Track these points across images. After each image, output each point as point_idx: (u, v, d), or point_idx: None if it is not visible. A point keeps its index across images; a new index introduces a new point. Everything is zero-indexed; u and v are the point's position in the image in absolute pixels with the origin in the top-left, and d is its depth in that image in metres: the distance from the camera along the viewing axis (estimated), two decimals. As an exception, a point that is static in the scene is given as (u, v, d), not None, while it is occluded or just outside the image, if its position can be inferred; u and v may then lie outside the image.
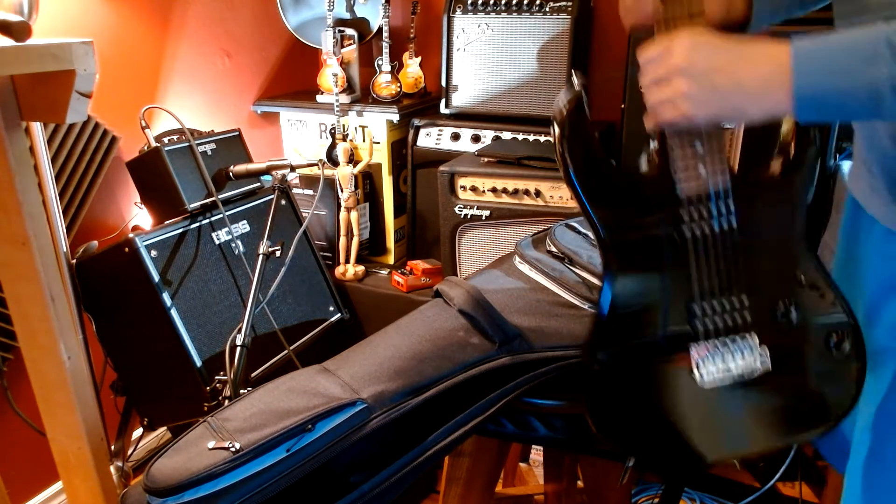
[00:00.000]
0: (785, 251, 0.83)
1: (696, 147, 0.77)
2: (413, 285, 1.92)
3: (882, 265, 0.79)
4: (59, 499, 1.75)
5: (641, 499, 1.76)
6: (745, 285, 0.81)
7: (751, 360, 0.81)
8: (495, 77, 1.93)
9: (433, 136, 2.00)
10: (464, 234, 1.80)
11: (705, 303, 0.81)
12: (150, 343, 1.53)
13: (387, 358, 1.01)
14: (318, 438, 0.90)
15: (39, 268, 1.09)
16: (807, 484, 1.78)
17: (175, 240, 1.54)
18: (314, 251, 1.90)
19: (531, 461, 1.84)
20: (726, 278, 0.80)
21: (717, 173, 0.78)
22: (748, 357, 0.81)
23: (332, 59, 2.04)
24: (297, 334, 1.77)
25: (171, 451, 0.92)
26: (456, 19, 1.92)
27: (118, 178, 1.74)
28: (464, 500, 1.19)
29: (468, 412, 0.99)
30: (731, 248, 0.80)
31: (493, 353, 1.01)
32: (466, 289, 1.10)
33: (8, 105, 1.03)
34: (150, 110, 1.77)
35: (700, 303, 0.81)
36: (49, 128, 1.47)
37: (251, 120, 2.19)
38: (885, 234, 0.77)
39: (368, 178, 2.09)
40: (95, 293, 1.49)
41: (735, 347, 0.81)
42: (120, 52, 1.72)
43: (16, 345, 1.47)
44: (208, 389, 1.44)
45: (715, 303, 0.81)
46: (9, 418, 1.56)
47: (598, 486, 1.25)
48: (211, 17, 1.98)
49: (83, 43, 0.99)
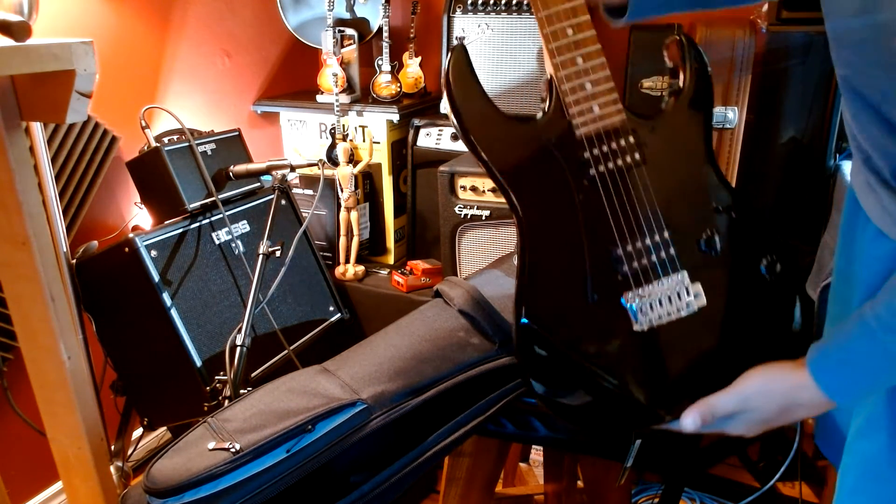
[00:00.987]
0: (696, 180, 0.82)
1: (586, 88, 0.78)
2: (413, 285, 1.92)
3: (872, 266, 0.79)
4: (59, 499, 1.75)
5: (641, 499, 1.76)
6: (663, 222, 0.80)
7: (685, 300, 0.80)
8: (495, 77, 1.92)
9: (433, 136, 2.00)
10: (464, 234, 1.80)
11: (628, 246, 0.80)
12: (150, 343, 1.53)
13: (387, 358, 1.01)
14: (318, 439, 0.90)
15: (39, 268, 1.09)
16: (807, 484, 1.78)
17: (175, 240, 1.54)
18: (314, 251, 1.90)
19: (531, 461, 1.84)
20: (643, 218, 0.80)
21: (612, 110, 0.78)
22: (682, 297, 0.80)
23: (332, 59, 2.04)
24: (297, 334, 1.77)
25: (171, 452, 0.92)
26: (456, 19, 1.92)
27: (118, 178, 1.74)
28: (464, 500, 1.19)
29: (468, 412, 0.99)
30: (642, 185, 0.80)
31: (493, 353, 1.01)
32: (466, 289, 1.10)
33: (8, 105, 1.03)
34: (150, 110, 1.77)
35: (622, 247, 0.79)
36: (49, 128, 1.47)
37: (251, 120, 2.19)
38: (875, 234, 0.77)
39: (368, 178, 2.09)
40: (95, 293, 1.49)
41: (666, 288, 0.80)
42: (120, 52, 1.72)
43: (16, 345, 1.47)
44: (208, 389, 1.43)
45: (638, 245, 0.80)
46: (9, 418, 1.56)
47: (598, 486, 1.25)
48: (211, 17, 1.98)
49: (83, 43, 0.99)
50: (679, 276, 0.80)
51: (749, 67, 1.56)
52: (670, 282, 0.80)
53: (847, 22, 0.65)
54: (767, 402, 0.73)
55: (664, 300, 0.80)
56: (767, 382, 0.73)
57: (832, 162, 1.65)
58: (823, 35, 0.71)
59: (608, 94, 0.78)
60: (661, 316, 0.80)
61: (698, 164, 0.82)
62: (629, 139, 0.79)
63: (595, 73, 0.78)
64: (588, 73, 0.78)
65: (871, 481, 0.72)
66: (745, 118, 1.60)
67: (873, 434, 0.72)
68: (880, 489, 0.71)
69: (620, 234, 0.79)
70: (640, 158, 0.80)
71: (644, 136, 0.80)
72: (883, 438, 0.71)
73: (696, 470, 1.84)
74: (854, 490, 0.74)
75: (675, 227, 0.80)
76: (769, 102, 1.72)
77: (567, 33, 0.78)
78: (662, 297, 0.80)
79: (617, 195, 0.79)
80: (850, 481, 0.75)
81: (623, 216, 0.79)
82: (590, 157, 0.79)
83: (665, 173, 0.81)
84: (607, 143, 0.79)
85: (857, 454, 0.75)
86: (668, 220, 0.80)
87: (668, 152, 0.81)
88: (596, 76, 0.78)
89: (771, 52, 1.68)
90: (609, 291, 0.80)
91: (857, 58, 0.66)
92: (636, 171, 0.80)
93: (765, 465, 1.83)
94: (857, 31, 0.64)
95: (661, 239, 0.80)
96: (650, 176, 0.80)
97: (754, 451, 1.91)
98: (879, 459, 0.71)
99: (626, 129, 0.79)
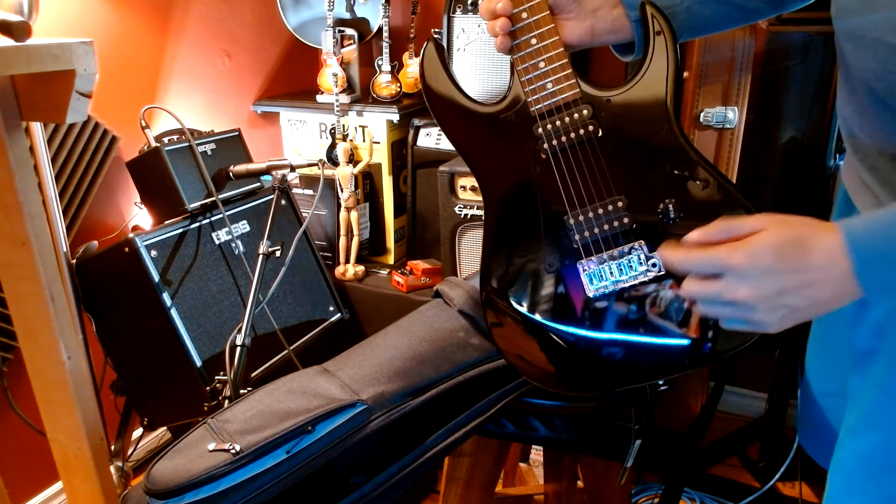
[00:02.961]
0: (657, 149, 0.82)
1: (539, 66, 0.82)
2: (413, 285, 1.92)
3: None
4: (59, 499, 1.75)
5: (641, 499, 1.76)
6: (615, 192, 0.82)
7: (641, 268, 0.81)
8: (495, 77, 1.92)
9: (433, 136, 2.00)
10: (464, 234, 1.80)
11: (580, 216, 0.83)
12: (150, 343, 1.53)
13: (387, 359, 1.01)
14: (318, 440, 0.90)
15: (39, 268, 1.08)
16: (807, 484, 1.78)
17: (175, 240, 1.54)
18: (314, 251, 1.90)
19: (531, 461, 1.84)
20: (594, 188, 0.82)
21: (565, 86, 0.82)
22: (638, 264, 0.81)
23: (332, 59, 2.04)
24: (297, 334, 1.77)
25: (171, 453, 0.92)
26: (456, 19, 1.92)
27: (118, 178, 1.74)
28: (464, 500, 1.19)
29: (468, 413, 0.99)
30: (594, 156, 0.82)
31: (494, 353, 1.01)
32: (466, 289, 1.10)
33: (8, 105, 1.03)
34: (150, 110, 1.77)
35: (575, 217, 0.83)
36: (49, 128, 1.47)
37: (251, 120, 2.19)
38: None
39: (368, 178, 2.09)
40: (95, 293, 1.49)
41: (623, 257, 0.82)
42: (120, 52, 1.72)
43: (16, 345, 1.47)
44: (208, 389, 1.43)
45: (590, 214, 0.82)
46: (9, 418, 1.56)
47: (598, 486, 1.25)
48: (211, 17, 1.98)
49: (83, 43, 0.99)
50: (636, 245, 0.82)
51: (749, 67, 1.56)
52: (626, 250, 0.82)
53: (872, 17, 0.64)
54: (779, 278, 0.61)
55: (619, 268, 0.82)
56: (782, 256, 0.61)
57: (832, 162, 1.65)
58: (823, 35, 0.70)
59: (561, 71, 0.82)
60: (618, 283, 0.82)
61: (659, 134, 0.83)
62: (582, 112, 0.82)
63: (548, 51, 0.82)
64: (541, 53, 0.82)
65: (865, 481, 0.71)
66: (745, 118, 1.59)
67: (866, 432, 0.71)
68: (874, 489, 0.70)
69: (571, 205, 0.83)
70: (593, 130, 0.82)
71: (601, 107, 0.83)
72: (876, 437, 0.70)
73: (696, 470, 1.84)
74: (846, 489, 0.73)
75: (631, 195, 0.82)
76: (769, 102, 1.72)
77: (522, 17, 0.82)
78: (617, 264, 0.82)
79: (567, 167, 0.83)
80: (842, 480, 0.73)
81: (574, 187, 0.83)
82: (543, 132, 0.83)
83: (622, 144, 0.83)
84: (559, 118, 0.83)
85: (849, 452, 0.73)
86: (623, 190, 0.82)
87: (626, 122, 0.83)
88: (549, 55, 0.82)
89: (771, 52, 1.68)
90: (564, 260, 0.84)
91: (886, 55, 0.64)
92: (589, 143, 0.82)
93: (765, 465, 1.84)
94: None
95: (613, 208, 0.82)
96: (605, 147, 0.82)
97: (754, 451, 1.91)
98: (873, 458, 0.70)
99: (579, 102, 0.82)
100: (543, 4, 0.81)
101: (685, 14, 0.84)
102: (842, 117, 0.78)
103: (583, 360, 0.86)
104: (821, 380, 0.93)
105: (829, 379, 0.90)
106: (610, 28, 0.86)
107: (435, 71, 0.88)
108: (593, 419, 1.05)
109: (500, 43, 0.84)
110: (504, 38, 0.83)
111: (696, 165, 0.81)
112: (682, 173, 0.81)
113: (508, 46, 0.84)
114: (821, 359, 0.93)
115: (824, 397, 0.91)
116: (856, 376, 0.75)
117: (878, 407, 0.70)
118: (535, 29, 0.82)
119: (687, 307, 0.82)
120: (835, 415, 0.87)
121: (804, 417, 0.97)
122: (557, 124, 0.83)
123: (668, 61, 0.81)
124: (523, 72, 0.83)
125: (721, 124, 1.60)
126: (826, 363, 0.91)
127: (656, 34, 0.82)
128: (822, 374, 0.92)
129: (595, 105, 0.82)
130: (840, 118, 0.79)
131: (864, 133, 0.73)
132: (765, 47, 1.69)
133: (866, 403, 0.71)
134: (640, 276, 0.81)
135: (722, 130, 1.62)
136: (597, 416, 1.05)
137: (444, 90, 0.88)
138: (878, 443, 0.70)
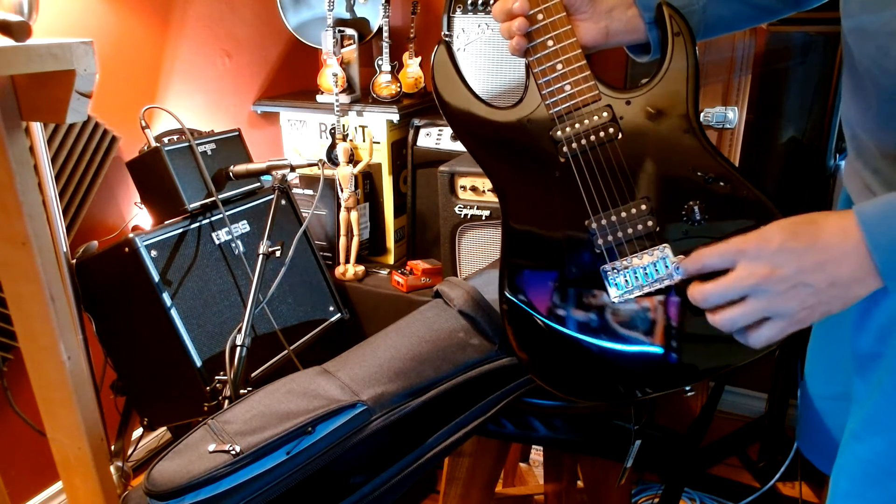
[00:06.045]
0: (678, 151, 0.81)
1: (557, 68, 0.81)
2: (413, 285, 1.92)
3: None
4: (59, 499, 1.75)
5: (641, 499, 1.76)
6: (638, 195, 0.80)
7: (666, 271, 0.79)
8: (495, 77, 1.92)
9: (433, 136, 2.00)
10: (464, 234, 1.80)
11: (602, 220, 0.81)
12: (150, 343, 1.53)
13: (387, 359, 1.01)
14: (318, 441, 0.90)
15: (39, 268, 1.09)
16: (807, 484, 1.78)
17: (175, 240, 1.54)
18: (314, 251, 1.90)
19: (531, 461, 1.84)
20: (616, 191, 0.81)
21: (583, 88, 0.81)
22: (663, 268, 0.80)
23: (332, 59, 2.04)
24: (296, 334, 1.77)
25: (171, 454, 0.92)
26: (456, 19, 1.92)
27: (118, 178, 1.74)
28: (464, 500, 1.19)
29: (468, 413, 0.99)
30: (616, 159, 0.81)
31: (494, 353, 1.01)
32: (466, 290, 1.10)
33: (8, 105, 1.03)
34: (150, 110, 1.77)
35: (597, 222, 0.81)
36: (49, 128, 1.47)
37: (251, 120, 2.19)
38: None
39: (368, 178, 2.09)
40: (95, 293, 1.49)
41: (646, 260, 0.80)
42: (120, 52, 1.72)
43: (16, 345, 1.47)
44: (208, 389, 1.44)
45: (613, 218, 0.81)
46: (9, 418, 1.56)
47: (598, 486, 1.25)
48: (211, 17, 1.98)
49: (83, 43, 0.99)
50: (659, 248, 0.80)
51: (749, 67, 1.56)
52: (650, 254, 0.80)
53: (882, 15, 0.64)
54: (797, 257, 0.60)
55: (644, 272, 0.81)
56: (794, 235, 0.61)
57: (832, 162, 1.65)
58: (823, 35, 0.70)
59: (579, 73, 0.81)
60: (642, 287, 0.81)
61: (681, 135, 0.81)
62: (602, 114, 0.81)
63: (565, 53, 0.81)
64: (558, 55, 0.80)
65: (868, 485, 0.71)
66: (745, 118, 1.59)
67: (870, 437, 0.71)
68: (878, 493, 0.70)
69: (594, 209, 0.81)
70: (613, 132, 0.81)
71: (620, 110, 0.81)
72: (880, 442, 0.70)
73: (696, 470, 1.84)
74: (849, 494, 0.73)
75: (653, 199, 0.81)
76: (769, 102, 1.72)
77: (538, 18, 0.80)
78: (641, 269, 0.81)
79: (589, 170, 0.81)
80: (846, 484, 0.73)
81: (596, 191, 0.81)
82: (562, 135, 0.82)
83: (643, 146, 0.81)
84: (578, 120, 0.81)
85: (852, 457, 0.73)
86: (644, 193, 0.81)
87: (647, 124, 0.82)
88: (566, 56, 0.81)
89: (771, 52, 1.68)
90: (587, 265, 0.82)
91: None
92: (609, 145, 0.81)
93: (765, 465, 1.84)
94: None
95: (637, 211, 0.81)
96: (626, 149, 0.81)
97: (754, 451, 1.91)
98: (877, 464, 0.70)
99: (599, 105, 0.81)
100: (560, 6, 0.80)
101: (701, 13, 0.84)
102: (845, 119, 0.78)
103: (608, 368, 0.84)
104: (821, 383, 0.92)
105: (830, 382, 0.90)
106: (625, 28, 0.85)
107: (447, 76, 0.85)
108: (593, 419, 1.05)
109: (516, 44, 0.81)
110: (520, 40, 0.81)
111: (720, 166, 0.80)
112: (706, 174, 0.80)
113: (524, 48, 0.81)
114: (822, 362, 0.93)
115: (825, 401, 0.91)
116: (859, 380, 0.75)
117: (882, 411, 0.70)
118: (551, 30, 0.80)
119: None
120: (835, 419, 0.86)
121: (803, 422, 0.97)
122: (577, 127, 0.81)
123: (687, 62, 0.80)
124: (540, 74, 0.81)
125: (721, 124, 1.60)
126: (828, 366, 0.91)
127: (675, 35, 0.80)
128: (823, 378, 0.92)
129: (615, 107, 0.81)
130: (843, 120, 0.79)
131: (867, 134, 0.73)
132: (765, 47, 1.69)
133: (870, 407, 0.71)
134: (666, 279, 0.80)
135: (722, 130, 1.62)
136: (597, 417, 1.05)
137: (458, 95, 0.85)
138: (882, 447, 0.69)
